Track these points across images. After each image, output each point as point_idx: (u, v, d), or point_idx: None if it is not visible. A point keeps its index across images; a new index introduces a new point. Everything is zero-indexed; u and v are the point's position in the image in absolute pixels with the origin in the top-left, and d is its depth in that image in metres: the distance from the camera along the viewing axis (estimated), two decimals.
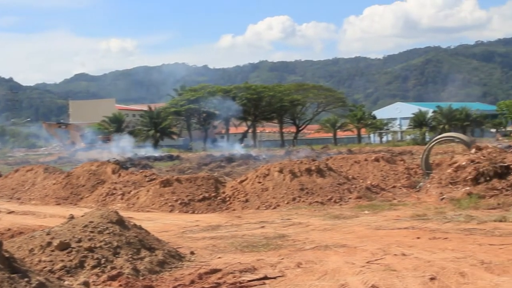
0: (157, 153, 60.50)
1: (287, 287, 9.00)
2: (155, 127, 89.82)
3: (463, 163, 21.87)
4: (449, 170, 21.87)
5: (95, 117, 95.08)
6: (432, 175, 22.63)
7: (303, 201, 19.52)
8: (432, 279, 8.92)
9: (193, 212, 19.32)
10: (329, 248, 11.83)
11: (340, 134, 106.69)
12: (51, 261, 9.32)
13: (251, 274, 9.81)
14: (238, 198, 20.31)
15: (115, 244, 10.28)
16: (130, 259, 10.03)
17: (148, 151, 62.55)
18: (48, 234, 10.12)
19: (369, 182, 22.56)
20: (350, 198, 19.86)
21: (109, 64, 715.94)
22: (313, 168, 21.56)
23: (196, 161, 43.49)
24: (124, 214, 12.88)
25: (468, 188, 19.71)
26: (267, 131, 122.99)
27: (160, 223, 16.54)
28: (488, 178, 20.24)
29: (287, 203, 19.50)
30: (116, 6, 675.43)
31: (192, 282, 9.20)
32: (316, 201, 19.49)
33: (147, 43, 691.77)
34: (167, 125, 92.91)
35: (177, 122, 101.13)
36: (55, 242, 9.70)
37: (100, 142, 70.26)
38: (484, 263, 9.81)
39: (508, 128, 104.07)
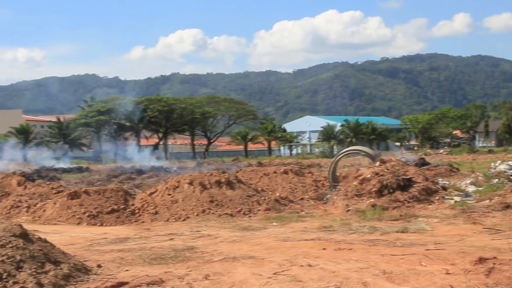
0: (66, 165, 59.34)
1: None
2: (64, 139, 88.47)
3: (368, 175, 22.27)
4: (354, 183, 22.23)
5: (1, 128, 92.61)
6: (339, 187, 22.95)
7: (213, 213, 19.45)
8: None
9: (102, 225, 18.95)
10: (237, 259, 11.80)
11: (251, 146, 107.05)
12: None
13: (158, 286, 9.70)
14: (148, 210, 20.06)
15: (18, 258, 9.90)
16: (34, 273, 9.67)
17: (57, 162, 61.19)
18: None
19: (278, 194, 22.64)
20: (259, 210, 19.90)
21: (17, 74, 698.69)
22: (223, 180, 21.51)
23: (106, 173, 42.76)
24: (29, 227, 12.57)
25: (372, 200, 20.08)
26: (178, 143, 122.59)
27: (67, 236, 16.16)
28: (391, 190, 20.68)
29: (197, 215, 19.39)
30: (23, 15, 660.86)
31: None
32: (226, 213, 19.44)
33: (57, 54, 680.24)
34: (76, 137, 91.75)
35: (87, 133, 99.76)
36: None
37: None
38: (386, 273, 9.97)
39: (412, 142, 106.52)
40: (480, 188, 23.11)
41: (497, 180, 24.23)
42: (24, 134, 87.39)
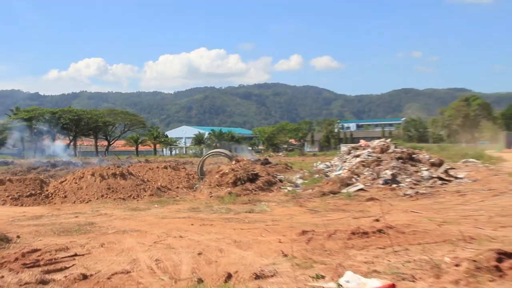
0: None
1: (92, 261, 8.80)
2: None
3: (227, 171, 22.45)
4: (216, 176, 22.35)
5: None
6: (205, 179, 23.02)
7: (109, 197, 19.08)
8: (199, 254, 9.07)
9: (22, 205, 18.14)
10: (126, 232, 11.66)
11: (141, 148, 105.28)
12: None
13: (65, 252, 9.47)
14: (59, 195, 19.42)
15: None
16: None
17: None
18: None
19: (159, 183, 22.43)
20: (145, 195, 19.66)
21: None
22: (117, 172, 21.15)
23: (26, 166, 40.88)
24: None
25: (229, 189, 20.24)
26: (85, 144, 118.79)
27: None
28: (243, 182, 20.95)
29: (97, 198, 18.95)
30: None
31: (16, 259, 8.72)
32: (119, 197, 19.11)
33: None
34: (4, 138, 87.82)
35: (13, 135, 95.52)
36: None
37: None
38: (236, 242, 10.10)
39: (260, 147, 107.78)
40: (306, 181, 23.68)
41: (317, 175, 24.88)
42: None
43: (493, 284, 6.21)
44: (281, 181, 23.26)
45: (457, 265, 7.06)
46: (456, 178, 22.47)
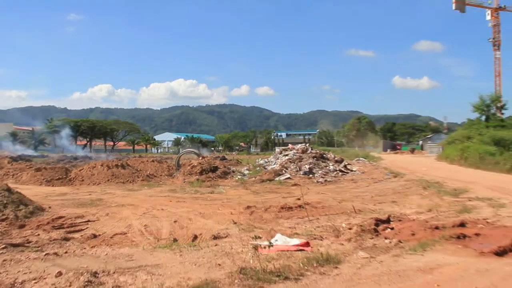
0: (35, 153, 55.15)
1: (100, 225, 8.68)
2: (35, 139, 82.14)
3: (195, 164, 22.30)
4: (188, 167, 22.18)
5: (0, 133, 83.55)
6: (180, 170, 22.78)
7: (113, 181, 18.67)
8: (175, 221, 9.04)
9: (52, 186, 17.68)
10: (124, 206, 11.50)
11: (137, 147, 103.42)
12: None
13: (81, 219, 9.34)
14: (78, 179, 18.90)
15: (5, 201, 9.63)
16: (13, 210, 9.36)
17: (32, 152, 57.20)
18: None
19: (148, 172, 22.03)
20: (138, 180, 19.29)
21: (9, 103, 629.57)
22: (119, 164, 20.77)
23: (56, 158, 39.79)
24: (13, 186, 11.95)
25: (197, 176, 20.12)
26: (97, 144, 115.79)
27: (33, 191, 14.86)
28: (207, 172, 20.86)
29: (104, 182, 18.53)
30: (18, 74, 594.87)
31: (48, 223, 8.70)
32: (120, 181, 18.73)
33: (34, 94, 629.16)
34: (43, 138, 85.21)
35: (49, 137, 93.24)
36: None
37: None
38: (201, 213, 10.11)
39: (219, 148, 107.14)
40: (251, 172, 23.76)
41: (259, 168, 25.07)
42: (13, 136, 78.77)
43: (372, 240, 6.46)
44: (233, 171, 23.25)
45: (350, 229, 7.29)
46: (351, 170, 23.03)
